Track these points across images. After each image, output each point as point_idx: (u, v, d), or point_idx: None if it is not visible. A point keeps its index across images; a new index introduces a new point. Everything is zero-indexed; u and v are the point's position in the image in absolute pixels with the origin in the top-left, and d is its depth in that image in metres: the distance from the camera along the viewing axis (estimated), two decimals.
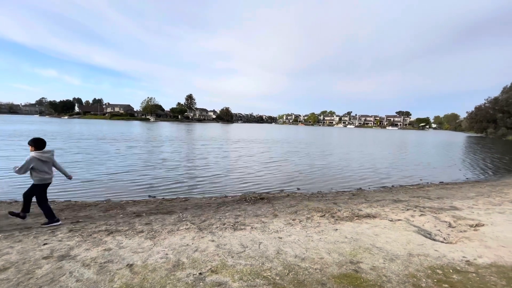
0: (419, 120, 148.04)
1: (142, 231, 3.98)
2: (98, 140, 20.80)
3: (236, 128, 62.15)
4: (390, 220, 4.74)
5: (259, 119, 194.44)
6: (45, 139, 4.42)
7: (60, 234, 3.79)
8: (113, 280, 2.56)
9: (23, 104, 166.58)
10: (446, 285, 2.55)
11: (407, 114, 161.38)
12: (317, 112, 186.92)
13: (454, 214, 5.14)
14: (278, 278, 2.65)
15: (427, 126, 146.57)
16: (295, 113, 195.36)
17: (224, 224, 4.36)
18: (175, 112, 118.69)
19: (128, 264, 2.88)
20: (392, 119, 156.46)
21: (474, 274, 2.75)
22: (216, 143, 22.81)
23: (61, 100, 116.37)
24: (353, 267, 2.91)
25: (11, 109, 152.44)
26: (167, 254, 3.16)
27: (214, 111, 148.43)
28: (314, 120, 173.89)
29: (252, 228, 4.20)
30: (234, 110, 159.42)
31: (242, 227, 4.26)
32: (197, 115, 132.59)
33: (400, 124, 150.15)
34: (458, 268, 2.91)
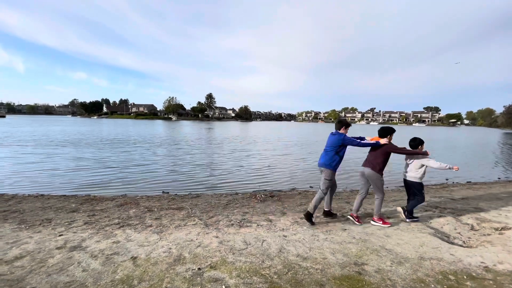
0: (449, 116, 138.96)
1: (151, 226, 4.11)
2: (127, 142, 21.85)
3: (254, 127, 62.32)
4: (405, 221, 4.50)
5: (278, 117, 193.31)
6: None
7: (76, 226, 4.02)
8: (116, 271, 2.66)
9: (57, 105, 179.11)
10: None
11: (436, 109, 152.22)
12: (338, 109, 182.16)
13: (478, 216, 4.76)
14: (276, 276, 2.60)
15: (459, 123, 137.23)
16: (315, 110, 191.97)
17: (230, 221, 4.38)
18: (195, 111, 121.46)
19: (132, 257, 2.98)
20: (419, 115, 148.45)
21: (491, 282, 2.53)
22: (234, 142, 23.04)
23: (91, 101, 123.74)
24: (356, 268, 2.80)
25: (47, 110, 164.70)
26: (170, 248, 3.24)
27: (233, 110, 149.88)
28: (334, 117, 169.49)
29: (258, 225, 4.18)
30: (253, 108, 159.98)
31: (248, 224, 4.25)
32: (217, 113, 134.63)
33: (428, 121, 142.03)
34: (474, 274, 2.68)
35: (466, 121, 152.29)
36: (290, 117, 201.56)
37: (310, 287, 2.44)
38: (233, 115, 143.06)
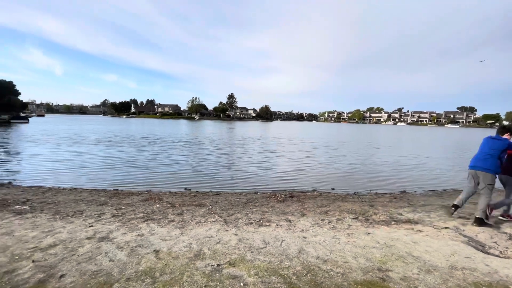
0: (486, 117, 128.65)
1: (173, 221, 4.24)
2: (152, 142, 22.80)
3: (275, 127, 62.12)
4: (435, 228, 4.23)
5: (299, 117, 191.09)
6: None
7: (104, 218, 4.25)
8: (139, 263, 2.77)
9: (90, 105, 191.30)
10: None
11: (472, 110, 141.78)
12: (363, 108, 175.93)
13: None
14: (294, 277, 2.56)
15: (497, 124, 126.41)
16: (338, 110, 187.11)
17: (249, 219, 4.39)
18: (217, 111, 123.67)
19: (155, 250, 3.09)
20: (452, 116, 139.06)
21: None
22: (255, 143, 23.14)
23: (120, 101, 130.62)
24: (380, 274, 2.67)
25: (81, 110, 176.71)
26: (191, 243, 3.31)
27: (254, 110, 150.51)
28: (359, 117, 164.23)
29: (277, 225, 4.15)
30: (273, 108, 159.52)
31: (267, 223, 4.23)
32: (238, 113, 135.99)
33: (463, 122, 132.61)
34: (511, 287, 2.45)
35: (505, 122, 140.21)
36: (312, 117, 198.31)
37: None
38: (253, 115, 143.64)
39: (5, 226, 3.74)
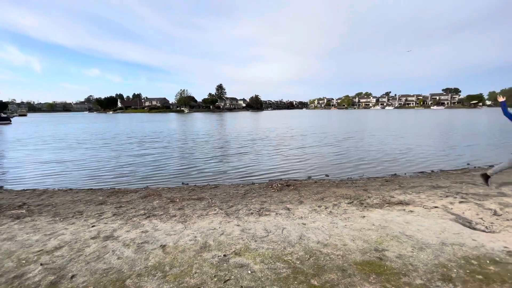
0: (470, 97, 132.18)
1: (175, 216, 4.32)
2: (142, 138, 22.46)
3: (266, 117, 62.13)
4: (425, 208, 4.47)
5: (289, 105, 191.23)
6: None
7: (106, 218, 4.28)
8: (148, 258, 2.85)
9: (74, 102, 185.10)
10: (480, 276, 2.38)
11: (456, 91, 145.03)
12: (352, 94, 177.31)
13: (501, 201, 4.64)
14: (298, 262, 2.71)
15: (480, 104, 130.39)
16: (327, 97, 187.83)
17: (250, 210, 4.52)
18: (206, 103, 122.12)
19: (161, 245, 3.17)
20: (437, 98, 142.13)
21: None
22: (246, 133, 23.17)
23: (106, 97, 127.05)
24: (377, 254, 2.85)
25: (65, 107, 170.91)
26: (195, 236, 3.41)
27: (244, 100, 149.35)
28: (348, 103, 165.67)
29: (276, 214, 4.29)
30: (263, 98, 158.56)
31: (267, 213, 4.37)
32: (228, 104, 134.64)
33: (448, 103, 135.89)
34: (497, 259, 2.67)
35: (488, 102, 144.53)
36: (302, 105, 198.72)
37: (332, 271, 2.53)
38: (244, 105, 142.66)
39: (5, 232, 3.73)
